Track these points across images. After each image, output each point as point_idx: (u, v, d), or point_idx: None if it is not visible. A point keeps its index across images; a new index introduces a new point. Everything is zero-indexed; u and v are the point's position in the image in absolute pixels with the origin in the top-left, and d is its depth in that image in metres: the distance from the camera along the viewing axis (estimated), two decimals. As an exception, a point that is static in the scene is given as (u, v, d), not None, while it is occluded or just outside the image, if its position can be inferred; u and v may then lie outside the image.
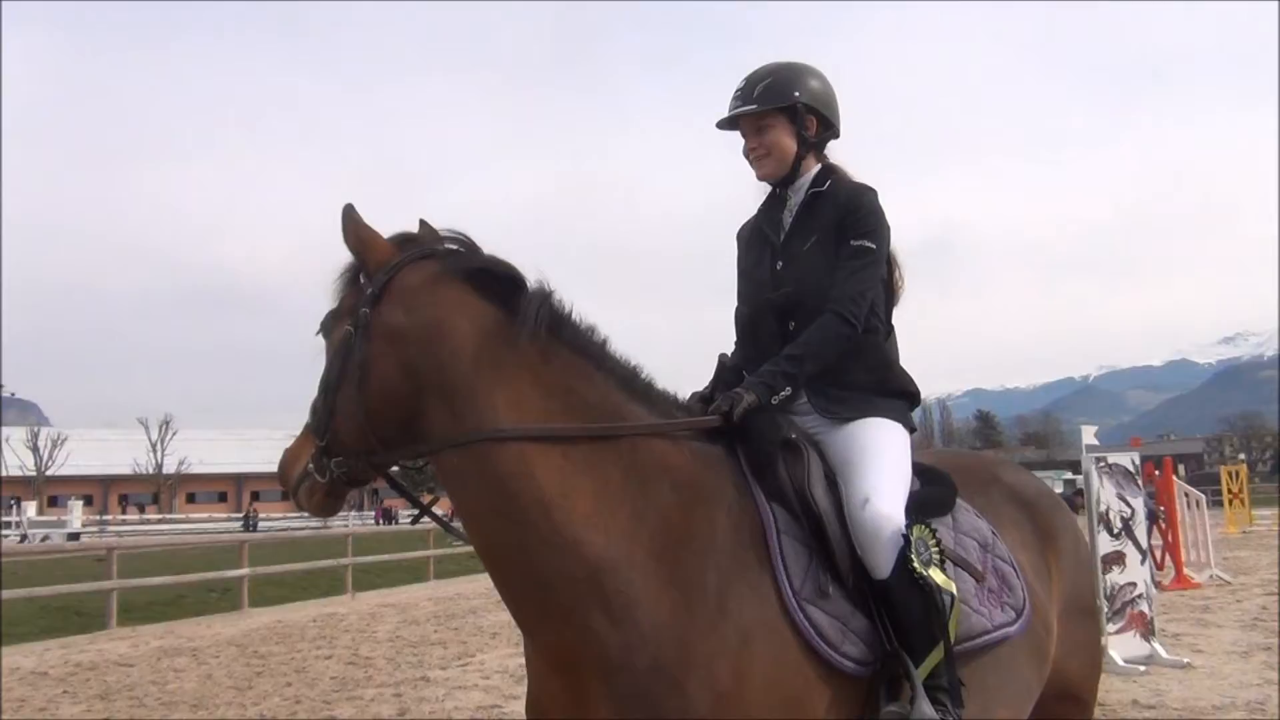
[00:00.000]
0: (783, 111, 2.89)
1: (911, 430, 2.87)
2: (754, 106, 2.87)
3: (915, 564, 2.44)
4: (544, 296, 2.47)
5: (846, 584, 2.45)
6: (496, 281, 2.48)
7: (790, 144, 2.91)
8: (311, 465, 2.48)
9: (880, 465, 2.62)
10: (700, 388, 2.95)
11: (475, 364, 2.36)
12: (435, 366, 2.36)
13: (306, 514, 2.61)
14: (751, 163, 2.96)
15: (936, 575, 2.47)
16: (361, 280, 2.52)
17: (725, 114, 2.93)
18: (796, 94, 2.88)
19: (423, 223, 2.65)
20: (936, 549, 2.53)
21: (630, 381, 2.55)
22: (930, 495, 2.81)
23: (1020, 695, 2.84)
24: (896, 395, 2.87)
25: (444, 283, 2.45)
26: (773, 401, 2.61)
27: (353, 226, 2.51)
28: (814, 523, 2.47)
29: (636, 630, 2.24)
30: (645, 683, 2.21)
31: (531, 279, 2.50)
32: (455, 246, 2.56)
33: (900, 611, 2.42)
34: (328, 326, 2.56)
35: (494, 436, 2.31)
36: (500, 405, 2.34)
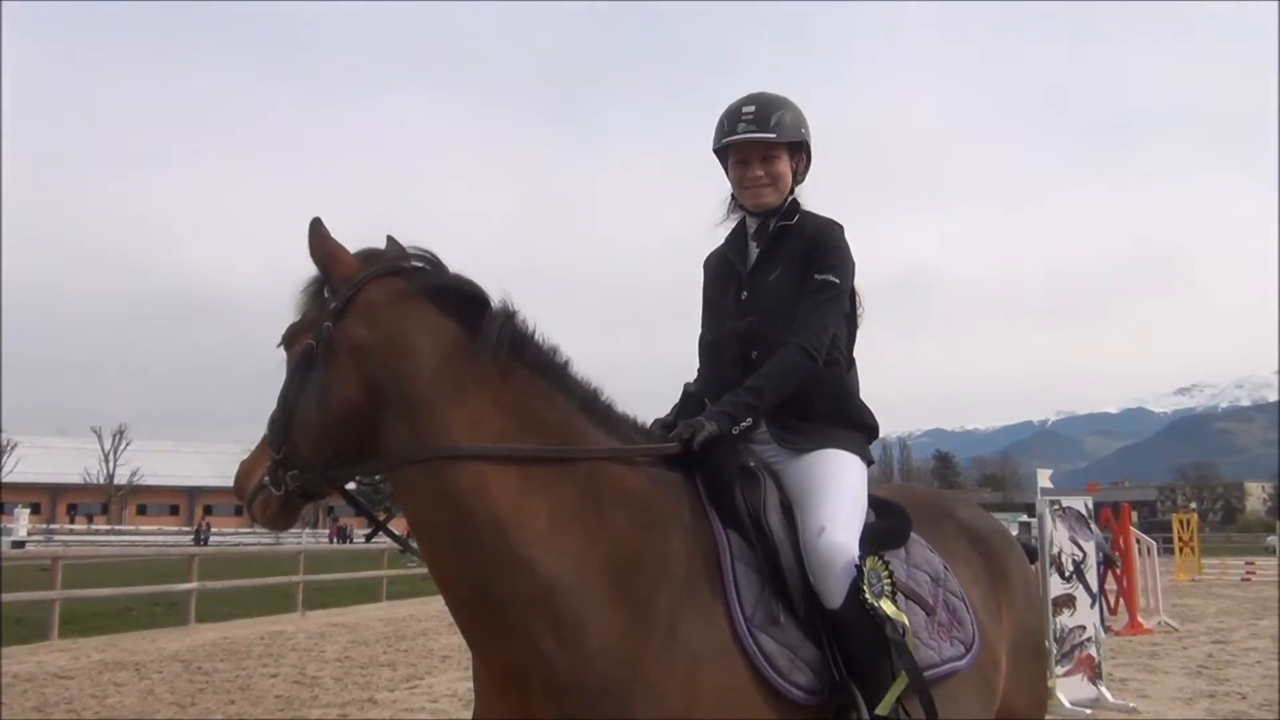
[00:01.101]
0: (788, 145, 2.91)
1: (869, 463, 2.89)
2: (773, 136, 2.86)
3: (867, 595, 2.45)
4: (506, 316, 2.46)
5: (798, 612, 2.45)
6: (460, 300, 2.48)
7: (790, 177, 2.94)
8: (267, 478, 2.47)
9: (836, 496, 2.64)
10: (664, 414, 2.97)
11: (435, 381, 2.35)
12: (395, 383, 2.36)
13: (260, 527, 2.60)
14: (748, 190, 2.93)
15: (888, 607, 2.47)
16: (325, 294, 2.51)
17: (739, 137, 2.86)
18: (803, 130, 2.93)
19: (390, 239, 2.65)
20: (889, 581, 2.54)
21: (590, 403, 2.55)
22: (885, 528, 2.82)
23: None
24: (855, 427, 2.90)
25: (408, 300, 2.44)
26: (733, 431, 2.63)
27: (319, 240, 2.51)
28: (768, 550, 2.48)
29: (585, 652, 2.23)
30: (593, 705, 2.20)
31: (495, 298, 2.50)
32: (420, 264, 2.56)
33: (851, 642, 2.43)
34: (289, 339, 2.55)
35: (452, 454, 2.30)
36: (458, 423, 2.33)
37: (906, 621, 2.52)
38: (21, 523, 50.77)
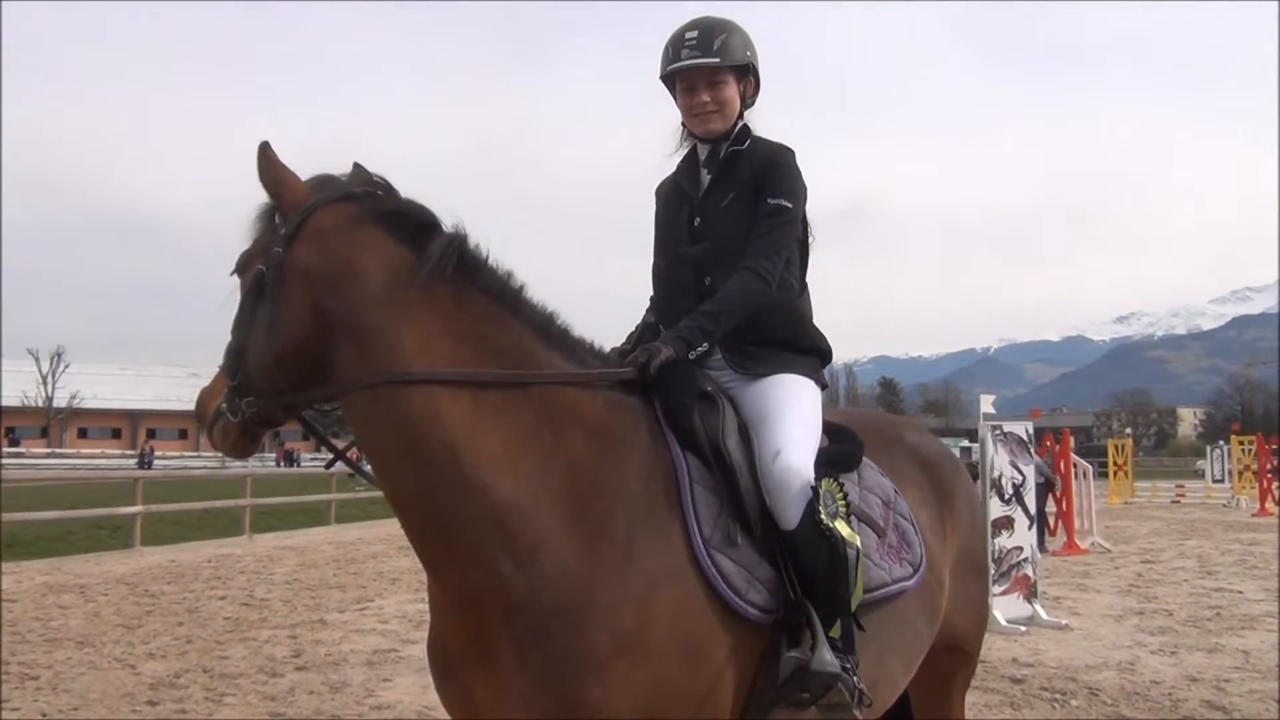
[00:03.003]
0: (734, 69, 2.88)
1: (823, 387, 2.92)
2: (716, 60, 2.82)
3: (822, 516, 2.49)
4: (452, 239, 2.43)
5: (755, 534, 2.49)
6: (411, 224, 2.44)
7: (737, 102, 2.91)
8: (225, 405, 2.46)
9: (792, 420, 2.67)
10: (620, 343, 2.98)
11: (383, 305, 2.32)
12: (345, 308, 2.32)
13: (223, 454, 2.65)
14: (696, 117, 2.91)
15: (842, 528, 2.52)
16: (276, 220, 2.47)
17: (681, 63, 2.83)
18: (749, 53, 2.89)
19: (356, 165, 2.60)
20: (843, 503, 2.59)
21: (545, 328, 2.53)
22: (838, 452, 2.87)
23: (913, 647, 2.95)
24: (809, 352, 2.92)
25: (358, 224, 2.40)
26: (689, 356, 2.64)
27: (268, 166, 2.45)
28: (726, 473, 2.51)
29: (541, 572, 2.25)
30: (547, 624, 2.22)
31: (448, 223, 2.47)
32: (373, 190, 2.51)
33: (806, 561, 2.47)
34: (242, 266, 2.52)
35: (402, 379, 2.28)
36: (409, 347, 2.31)
37: (859, 543, 2.57)
38: (-42, 446, 49.84)
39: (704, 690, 2.31)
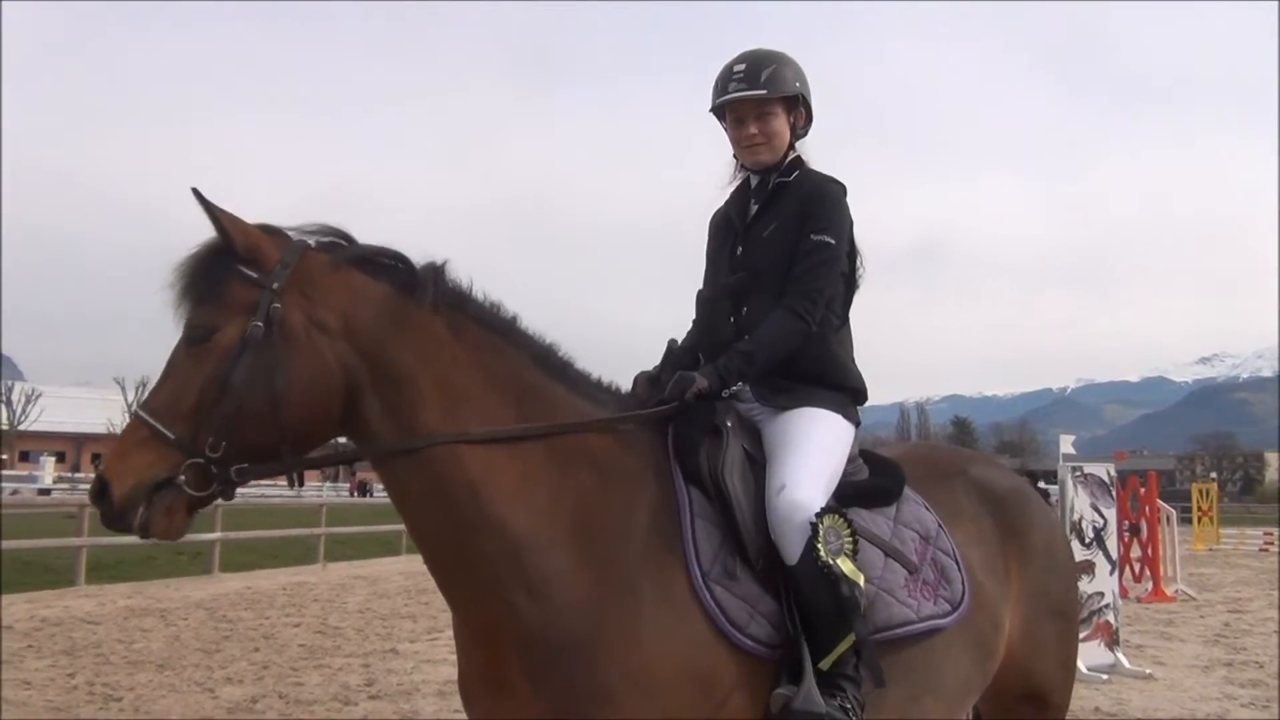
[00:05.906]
0: (783, 101, 2.90)
1: (855, 423, 2.87)
2: (763, 92, 2.85)
3: (821, 552, 2.45)
4: (437, 269, 2.48)
5: (756, 567, 2.48)
6: (388, 265, 2.47)
7: (786, 133, 2.93)
8: (183, 477, 2.23)
9: (803, 453, 2.64)
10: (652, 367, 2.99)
11: (393, 350, 2.36)
12: (359, 360, 2.35)
13: (155, 538, 2.28)
14: (745, 149, 2.94)
15: (845, 565, 2.47)
16: (248, 272, 2.31)
17: (729, 96, 2.87)
18: (798, 84, 2.91)
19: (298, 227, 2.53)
20: (850, 539, 2.52)
21: (545, 358, 2.58)
22: (874, 486, 2.85)
23: (955, 688, 2.85)
24: (839, 388, 2.87)
25: (339, 272, 2.40)
26: (723, 394, 2.67)
27: (221, 212, 2.31)
28: (725, 507, 2.51)
29: (552, 606, 2.32)
30: (558, 657, 2.28)
31: (417, 259, 2.50)
32: (335, 238, 2.49)
33: (806, 598, 2.45)
34: (209, 326, 2.29)
35: (443, 441, 2.35)
36: (427, 393, 2.37)
37: (861, 581, 2.51)
38: (47, 471, 51.34)
39: None
